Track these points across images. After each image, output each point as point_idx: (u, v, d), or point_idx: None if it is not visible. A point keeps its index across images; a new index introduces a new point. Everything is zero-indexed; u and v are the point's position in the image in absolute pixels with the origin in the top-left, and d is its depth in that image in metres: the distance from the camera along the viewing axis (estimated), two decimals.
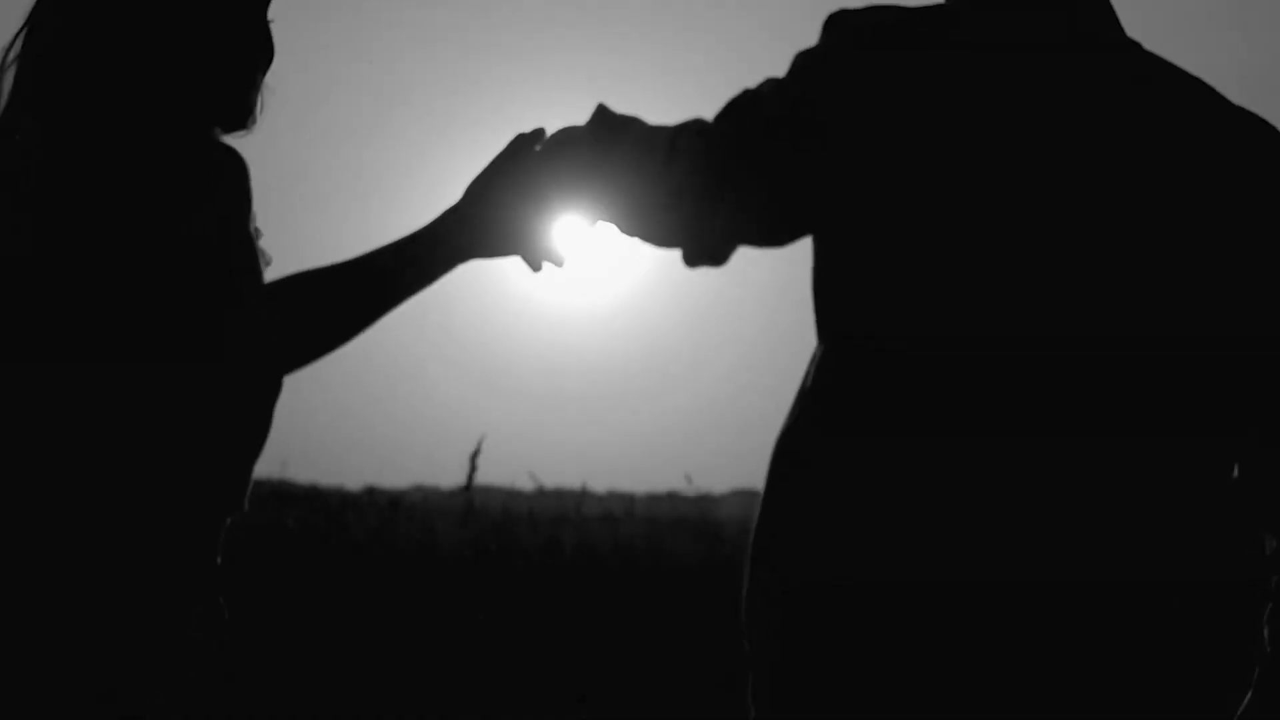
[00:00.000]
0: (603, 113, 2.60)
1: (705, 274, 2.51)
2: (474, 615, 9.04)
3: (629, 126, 2.56)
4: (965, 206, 2.37)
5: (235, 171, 2.55)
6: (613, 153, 2.56)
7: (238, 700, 2.69)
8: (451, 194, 2.68)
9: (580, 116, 2.62)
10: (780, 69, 2.49)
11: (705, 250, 2.50)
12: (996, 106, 2.39)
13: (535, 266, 2.68)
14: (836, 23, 2.45)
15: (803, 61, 2.46)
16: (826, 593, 2.39)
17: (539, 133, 2.67)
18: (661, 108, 2.58)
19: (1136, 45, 2.48)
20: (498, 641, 8.90)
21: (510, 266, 2.71)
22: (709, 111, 2.53)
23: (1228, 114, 2.47)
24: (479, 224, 2.68)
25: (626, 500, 18.25)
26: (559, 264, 2.68)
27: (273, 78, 2.70)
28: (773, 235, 2.47)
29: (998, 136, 2.39)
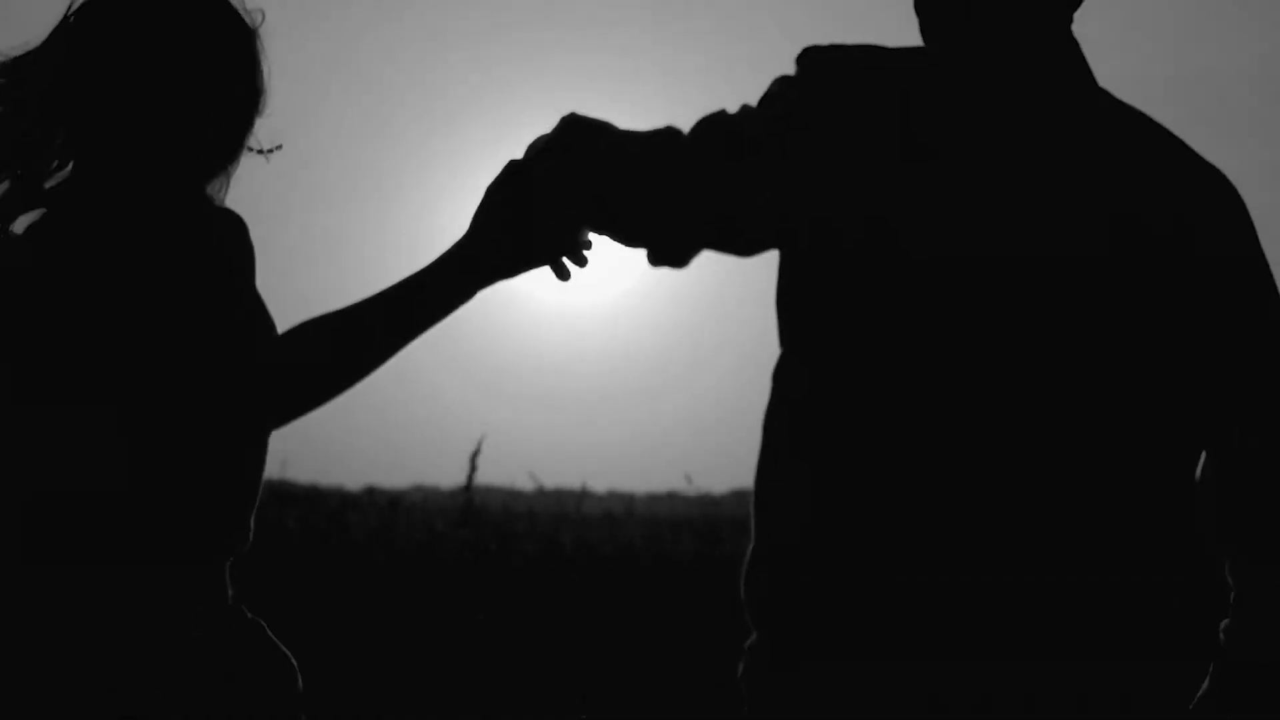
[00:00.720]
0: (575, 120, 2.62)
1: (706, 274, 2.54)
2: (474, 615, 9.04)
3: (601, 132, 2.58)
4: (944, 220, 2.42)
5: (237, 235, 2.62)
6: (591, 158, 2.58)
7: (239, 699, 2.69)
8: (449, 192, 2.69)
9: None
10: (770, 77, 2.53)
11: (669, 253, 2.54)
12: (976, 131, 2.45)
13: (563, 276, 2.69)
14: (815, 53, 2.50)
15: (784, 84, 2.50)
16: (816, 594, 2.43)
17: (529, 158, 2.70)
18: (661, 107, 2.59)
19: (1106, 91, 2.54)
20: (498, 641, 8.90)
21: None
22: (694, 117, 2.55)
23: (1182, 149, 2.55)
24: (493, 249, 2.68)
25: (626, 500, 18.29)
26: (582, 266, 2.69)
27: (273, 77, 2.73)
28: (744, 246, 2.51)
29: (974, 158, 2.44)
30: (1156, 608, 2.46)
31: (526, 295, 2.77)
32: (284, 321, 2.65)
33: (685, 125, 2.54)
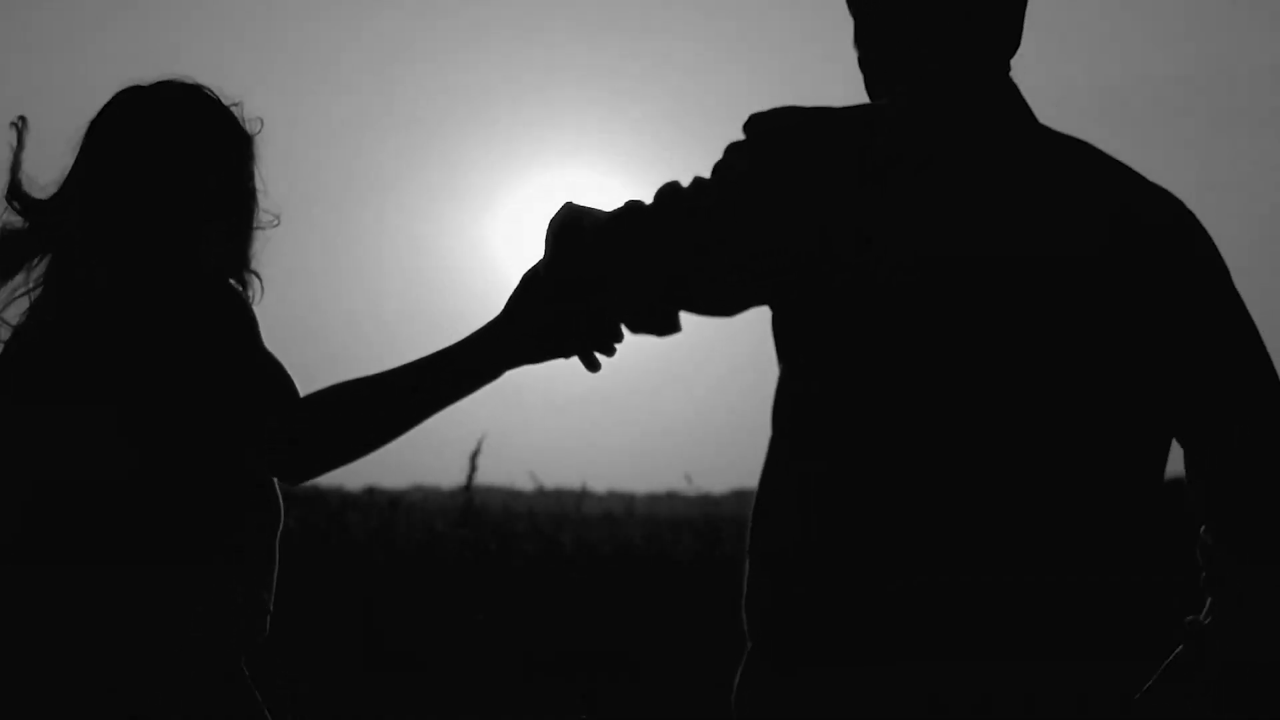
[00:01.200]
0: (567, 210, 2.66)
1: None
2: (474, 615, 9.05)
3: (585, 218, 2.63)
4: (910, 249, 2.47)
5: (236, 302, 2.73)
6: (575, 246, 2.64)
7: (238, 698, 2.70)
8: (448, 191, 2.70)
9: (579, 120, 2.66)
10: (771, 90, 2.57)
11: (646, 322, 2.59)
12: (930, 166, 2.49)
13: (594, 367, 2.73)
14: (759, 120, 2.55)
15: (734, 153, 2.55)
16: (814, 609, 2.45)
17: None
18: (661, 108, 2.60)
19: (1049, 129, 2.60)
20: (498, 641, 8.91)
21: (506, 262, 2.74)
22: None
23: (1133, 172, 2.59)
24: (521, 338, 2.72)
25: (626, 500, 18.26)
26: (610, 355, 2.74)
27: (272, 79, 2.75)
28: (715, 309, 2.56)
29: (931, 192, 2.48)
30: (1155, 608, 2.47)
31: None
32: (285, 324, 2.68)
33: (675, 127, 2.57)
